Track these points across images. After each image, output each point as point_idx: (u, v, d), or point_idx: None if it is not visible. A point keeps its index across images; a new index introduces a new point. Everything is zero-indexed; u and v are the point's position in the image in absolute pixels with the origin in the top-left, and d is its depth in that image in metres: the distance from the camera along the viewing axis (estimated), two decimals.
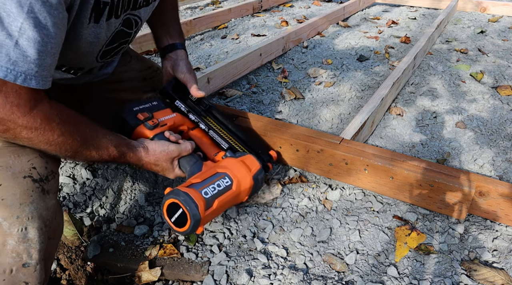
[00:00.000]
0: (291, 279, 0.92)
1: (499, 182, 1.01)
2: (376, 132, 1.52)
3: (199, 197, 0.78)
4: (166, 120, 0.99)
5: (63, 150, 0.75)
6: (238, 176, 0.87)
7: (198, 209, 0.76)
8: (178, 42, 1.11)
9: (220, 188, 0.83)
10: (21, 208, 0.69)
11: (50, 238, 0.75)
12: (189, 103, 1.07)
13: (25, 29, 0.59)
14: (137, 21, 0.92)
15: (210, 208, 0.79)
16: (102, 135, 0.82)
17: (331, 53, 2.33)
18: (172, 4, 1.14)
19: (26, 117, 0.68)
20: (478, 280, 0.91)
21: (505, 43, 2.48)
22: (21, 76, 0.63)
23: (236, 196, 0.86)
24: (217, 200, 0.81)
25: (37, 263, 0.71)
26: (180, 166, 0.93)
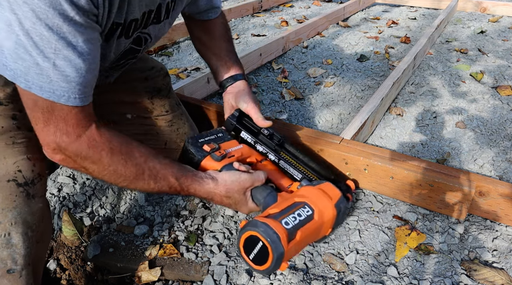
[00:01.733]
0: (291, 279, 0.92)
1: (499, 182, 1.01)
2: (376, 132, 1.52)
3: (280, 227, 0.68)
4: (233, 151, 0.92)
5: (117, 180, 0.72)
6: (318, 205, 0.77)
7: (280, 240, 0.67)
8: (237, 73, 1.06)
9: (301, 218, 0.73)
10: (3, 213, 0.68)
11: (38, 241, 0.74)
12: (256, 134, 1.00)
13: (60, 49, 0.59)
14: (147, 38, 0.90)
15: (293, 240, 0.70)
16: (161, 164, 0.76)
17: (331, 53, 2.33)
18: (225, 35, 1.10)
19: (75, 144, 0.67)
20: (478, 280, 0.91)
21: (505, 43, 2.48)
22: (64, 96, 0.63)
23: (319, 227, 0.76)
24: (299, 231, 0.71)
25: (23, 268, 0.71)
26: (253, 198, 0.85)
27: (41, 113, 0.64)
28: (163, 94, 1.17)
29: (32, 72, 0.60)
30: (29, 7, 0.55)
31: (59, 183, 1.26)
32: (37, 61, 0.59)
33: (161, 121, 1.17)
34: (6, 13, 0.56)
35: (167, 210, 1.15)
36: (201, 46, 1.12)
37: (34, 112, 0.65)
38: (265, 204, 0.82)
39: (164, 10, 0.85)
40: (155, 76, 1.17)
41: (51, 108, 0.63)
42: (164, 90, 1.18)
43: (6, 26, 0.57)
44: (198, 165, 0.86)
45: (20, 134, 0.74)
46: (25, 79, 0.61)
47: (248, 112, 0.99)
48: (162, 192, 0.78)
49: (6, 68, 0.60)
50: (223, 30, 1.11)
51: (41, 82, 0.61)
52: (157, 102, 1.16)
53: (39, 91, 0.61)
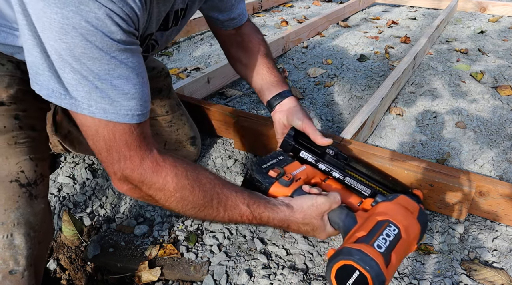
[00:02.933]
0: (291, 279, 0.92)
1: (499, 182, 1.01)
2: (376, 132, 1.52)
3: (375, 252, 0.63)
4: (298, 173, 0.86)
5: (184, 207, 0.69)
6: (403, 221, 0.72)
7: (380, 267, 0.61)
8: (284, 90, 1.01)
9: (391, 239, 0.67)
10: (6, 214, 0.68)
11: (40, 242, 0.74)
12: (316, 153, 0.95)
13: (113, 69, 0.59)
14: (154, 45, 0.88)
15: (390, 264, 0.64)
16: (229, 191, 0.72)
17: (331, 53, 2.33)
18: (264, 51, 1.06)
19: (139, 170, 0.65)
20: (478, 280, 0.91)
21: (505, 43, 2.48)
22: (128, 115, 0.62)
23: (408, 245, 0.71)
24: (393, 253, 0.65)
25: (25, 269, 0.70)
26: (331, 222, 0.78)
27: (103, 141, 0.64)
28: (163, 95, 1.17)
29: (94, 96, 0.59)
30: (78, 32, 0.55)
31: (59, 183, 1.26)
32: (96, 84, 0.59)
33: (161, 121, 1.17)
34: (55, 44, 0.56)
35: (167, 210, 1.15)
36: (241, 67, 1.08)
37: (96, 142, 0.64)
38: (345, 228, 0.76)
39: (173, 18, 0.84)
40: (156, 76, 1.16)
41: (113, 133, 0.63)
42: (165, 90, 1.18)
43: (58, 56, 0.57)
44: (266, 193, 0.81)
45: (22, 134, 0.73)
46: (88, 104, 0.60)
47: (304, 130, 0.94)
48: (232, 221, 0.73)
49: (65, 97, 0.60)
50: (259, 43, 1.06)
51: (104, 104, 0.60)
52: (158, 103, 1.16)
53: (103, 115, 0.61)
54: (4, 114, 0.72)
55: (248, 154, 1.36)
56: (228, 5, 0.99)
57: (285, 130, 1.00)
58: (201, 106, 1.42)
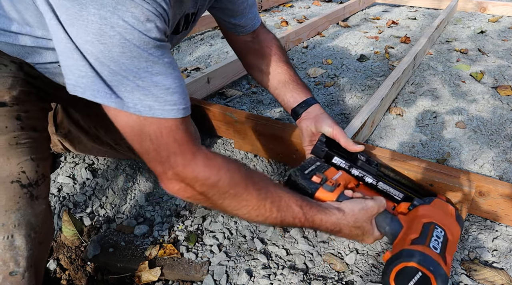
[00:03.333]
0: (291, 279, 0.92)
1: (499, 182, 1.01)
2: (376, 132, 1.52)
3: (435, 254, 0.64)
4: (338, 179, 0.87)
5: (238, 206, 0.66)
6: (446, 223, 0.74)
7: (442, 267, 0.63)
8: (309, 97, 1.01)
9: (441, 240, 0.69)
10: (7, 215, 0.67)
11: (41, 243, 0.74)
12: (348, 159, 0.95)
13: (152, 66, 0.59)
14: None
15: (446, 264, 0.65)
16: (283, 191, 0.70)
17: (331, 53, 2.33)
18: (281, 56, 1.05)
19: (191, 166, 0.63)
20: (478, 280, 0.91)
21: (505, 43, 2.48)
22: (174, 109, 0.62)
23: (454, 246, 0.72)
24: (447, 254, 0.67)
25: (25, 270, 0.70)
26: (377, 226, 0.79)
27: (149, 140, 0.62)
28: None
29: (138, 94, 0.59)
30: (115, 31, 0.55)
31: (59, 183, 1.26)
32: (137, 83, 0.59)
33: None
34: (91, 47, 0.56)
35: (167, 210, 1.15)
36: (259, 74, 1.06)
37: (142, 142, 0.62)
38: (392, 231, 0.77)
39: (183, 22, 0.84)
40: None
41: (160, 130, 0.61)
42: None
43: (96, 60, 0.56)
44: (312, 198, 0.81)
45: (24, 134, 0.73)
46: (133, 103, 0.59)
47: (335, 137, 0.93)
48: (284, 223, 0.71)
49: (111, 96, 0.59)
50: (277, 49, 1.05)
51: (148, 101, 0.60)
52: None
53: (148, 112, 0.60)
54: (5, 115, 0.72)
55: (248, 154, 1.36)
56: (240, 9, 0.99)
57: (313, 137, 0.99)
58: (201, 106, 1.42)
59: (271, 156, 1.30)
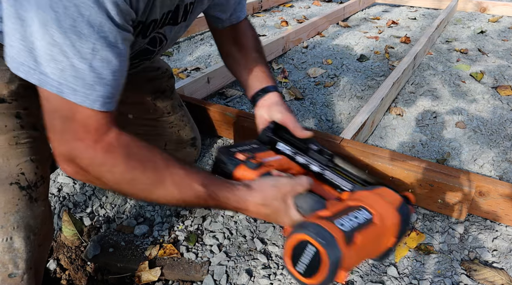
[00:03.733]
0: (291, 279, 0.92)
1: (499, 182, 1.01)
2: (376, 132, 1.52)
3: (335, 228, 0.56)
4: (271, 161, 0.80)
5: (134, 188, 0.65)
6: (378, 208, 0.64)
7: (336, 241, 0.53)
8: (268, 85, 0.97)
9: (359, 221, 0.60)
10: (6, 217, 0.67)
11: (40, 245, 0.73)
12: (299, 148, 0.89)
13: (98, 50, 0.56)
14: (162, 39, 0.85)
15: (352, 243, 0.56)
16: (185, 171, 0.68)
17: (331, 53, 2.33)
18: (255, 47, 1.04)
19: (89, 150, 0.61)
20: (478, 280, 0.91)
21: (505, 43, 2.48)
22: (99, 101, 0.59)
23: (381, 233, 0.63)
24: (359, 234, 0.58)
25: (24, 272, 0.70)
26: (297, 207, 0.71)
27: (60, 120, 0.60)
28: (166, 95, 1.17)
29: (67, 75, 0.56)
30: (72, 3, 0.52)
31: (59, 183, 1.26)
32: (73, 62, 0.56)
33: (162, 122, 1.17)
34: (43, 12, 0.53)
35: (167, 210, 1.15)
36: (231, 61, 1.06)
37: (52, 119, 0.60)
38: (311, 212, 0.69)
39: (182, 12, 0.82)
40: (160, 77, 1.16)
41: (73, 115, 0.59)
42: (167, 91, 1.17)
43: (41, 26, 0.54)
44: (231, 175, 0.75)
45: (24, 133, 0.72)
46: (58, 82, 0.56)
47: (284, 123, 0.90)
48: (188, 203, 0.69)
49: (35, 72, 0.56)
50: (252, 39, 1.05)
51: (75, 85, 0.56)
52: (160, 103, 1.15)
53: (71, 95, 0.57)
54: (5, 112, 0.70)
55: None
56: (232, 5, 0.99)
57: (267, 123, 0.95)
58: (201, 106, 1.42)
59: None
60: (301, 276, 0.55)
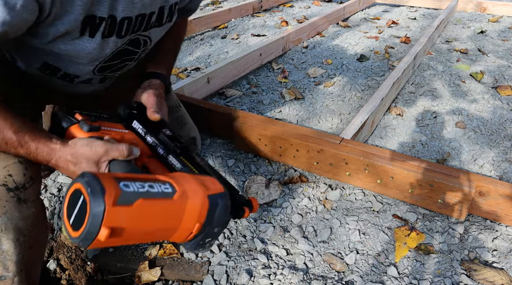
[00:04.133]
0: (291, 279, 0.92)
1: (499, 182, 1.01)
2: (376, 132, 1.52)
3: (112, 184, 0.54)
4: (112, 131, 0.78)
5: None
6: (186, 188, 0.62)
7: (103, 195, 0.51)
8: (159, 72, 0.97)
9: (153, 190, 0.58)
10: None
11: (32, 247, 0.72)
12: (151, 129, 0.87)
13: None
14: (146, 41, 0.86)
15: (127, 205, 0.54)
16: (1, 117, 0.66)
17: (331, 53, 2.33)
18: (174, 35, 1.04)
19: None
20: (478, 280, 0.91)
21: (505, 43, 2.48)
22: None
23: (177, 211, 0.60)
24: (142, 200, 0.55)
25: (15, 275, 0.69)
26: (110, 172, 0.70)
27: None
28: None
29: None
30: None
31: (59, 183, 1.26)
32: None
33: None
34: None
35: None
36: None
37: None
38: None
39: (167, 13, 0.83)
40: None
41: None
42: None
43: None
44: (63, 132, 0.74)
45: None
46: None
47: (145, 104, 0.88)
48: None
49: None
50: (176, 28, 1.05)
51: None
52: None
53: None
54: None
55: (248, 154, 1.36)
56: (194, 6, 1.00)
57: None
58: (201, 106, 1.42)
59: (271, 156, 1.30)
60: (70, 228, 0.54)
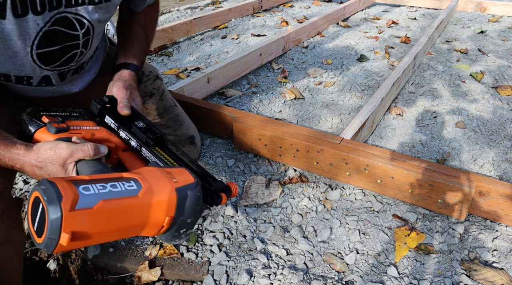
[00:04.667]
0: (291, 279, 0.92)
1: (499, 182, 1.01)
2: (376, 132, 1.52)
3: (70, 189, 0.54)
4: (82, 130, 0.78)
5: None
6: (151, 183, 0.62)
7: (60, 202, 0.52)
8: (129, 62, 0.97)
9: (115, 190, 0.58)
10: None
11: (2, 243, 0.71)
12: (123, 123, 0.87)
13: None
14: (82, 21, 0.80)
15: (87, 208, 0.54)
16: None
17: (331, 53, 2.33)
18: (142, 22, 1.03)
19: None
20: (478, 280, 0.91)
21: (505, 43, 2.48)
22: None
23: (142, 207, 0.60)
24: (103, 201, 0.56)
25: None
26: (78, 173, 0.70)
27: None
28: (155, 98, 1.16)
29: None
30: None
31: None
32: None
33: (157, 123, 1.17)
34: None
35: None
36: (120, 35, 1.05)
37: None
38: None
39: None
40: (144, 81, 1.15)
41: None
42: (156, 94, 1.17)
43: None
44: (31, 137, 0.73)
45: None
46: None
47: (116, 98, 0.87)
48: None
49: None
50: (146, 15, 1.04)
51: None
52: (150, 106, 1.15)
53: None
54: None
55: (248, 154, 1.36)
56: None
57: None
58: (201, 106, 1.42)
59: (271, 156, 1.30)
60: (35, 234, 0.54)
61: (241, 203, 1.15)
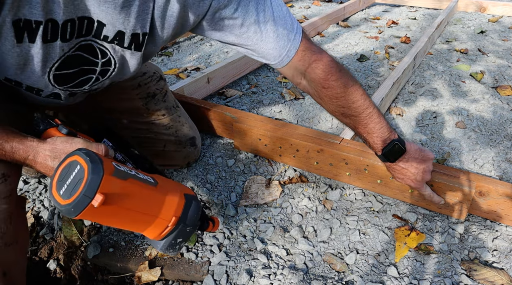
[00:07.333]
0: (291, 279, 0.92)
1: (499, 182, 1.01)
2: None
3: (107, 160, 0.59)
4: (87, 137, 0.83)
5: None
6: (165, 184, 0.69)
7: (102, 164, 0.56)
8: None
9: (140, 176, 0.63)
10: None
11: (8, 244, 0.70)
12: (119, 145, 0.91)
13: None
14: (105, 52, 0.80)
15: (121, 180, 0.59)
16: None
17: (331, 53, 2.33)
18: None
19: None
20: (478, 280, 0.91)
21: (505, 43, 2.48)
22: None
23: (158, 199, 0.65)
24: (132, 179, 0.60)
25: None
26: None
27: None
28: (158, 99, 1.16)
29: None
30: None
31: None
32: None
33: (158, 125, 1.17)
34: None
35: None
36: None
37: None
38: None
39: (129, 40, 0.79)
40: (147, 81, 1.14)
41: None
42: (159, 94, 1.17)
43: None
44: (41, 134, 0.76)
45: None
46: None
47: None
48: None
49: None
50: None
51: None
52: (153, 107, 1.15)
53: None
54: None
55: (248, 154, 1.36)
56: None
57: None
58: (201, 106, 1.42)
59: (271, 156, 1.30)
60: (60, 198, 0.56)
61: (241, 203, 1.15)
